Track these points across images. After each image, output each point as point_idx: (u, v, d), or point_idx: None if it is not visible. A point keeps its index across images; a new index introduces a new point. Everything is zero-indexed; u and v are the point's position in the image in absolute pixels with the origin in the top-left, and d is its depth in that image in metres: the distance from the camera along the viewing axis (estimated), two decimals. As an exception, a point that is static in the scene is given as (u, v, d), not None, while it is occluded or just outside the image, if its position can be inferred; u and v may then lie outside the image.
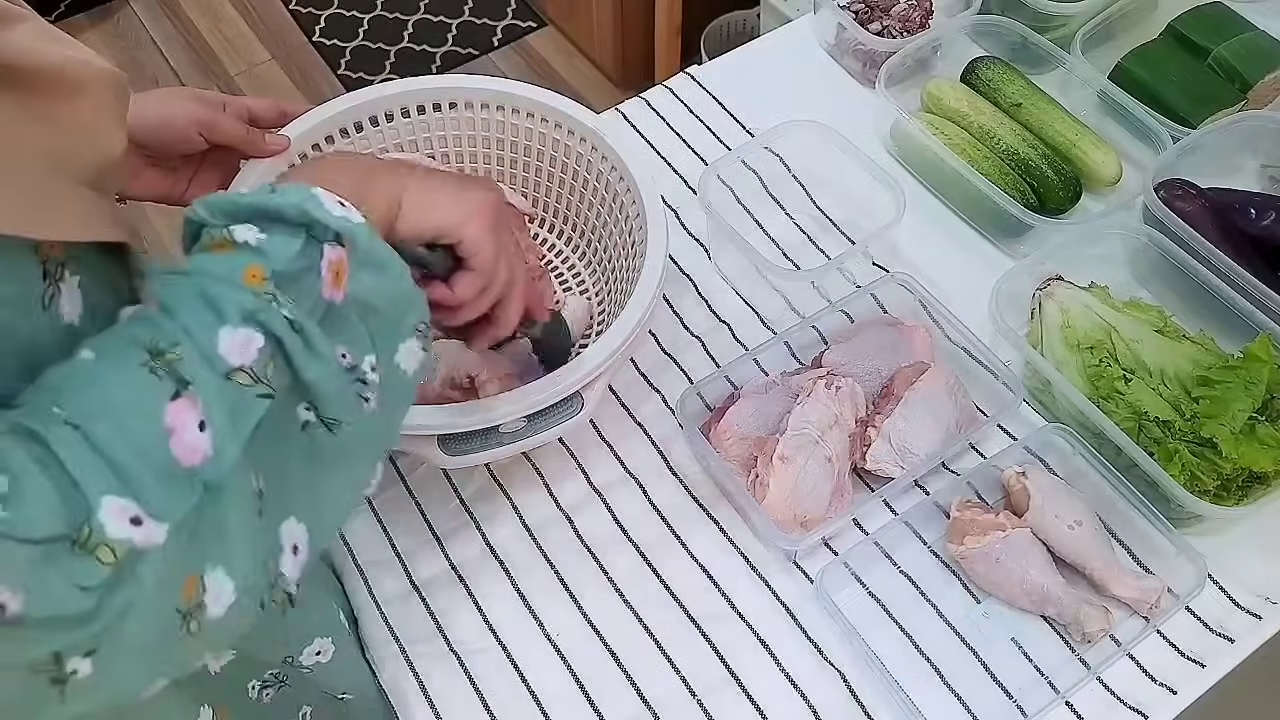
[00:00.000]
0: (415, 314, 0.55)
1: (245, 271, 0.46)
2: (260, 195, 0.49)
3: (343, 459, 0.51)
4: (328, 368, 0.48)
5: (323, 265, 0.49)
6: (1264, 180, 1.02)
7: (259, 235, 0.48)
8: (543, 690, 0.76)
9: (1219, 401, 0.79)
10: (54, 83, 0.47)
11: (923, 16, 1.11)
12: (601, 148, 0.86)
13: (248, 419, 0.45)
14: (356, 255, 0.50)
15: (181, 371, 0.43)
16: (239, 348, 0.45)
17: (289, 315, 0.46)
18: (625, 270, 0.86)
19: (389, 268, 0.52)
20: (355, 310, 0.51)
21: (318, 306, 0.49)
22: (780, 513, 0.78)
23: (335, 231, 0.50)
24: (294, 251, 0.48)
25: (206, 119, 0.75)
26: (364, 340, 0.51)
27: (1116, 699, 0.75)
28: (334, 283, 0.49)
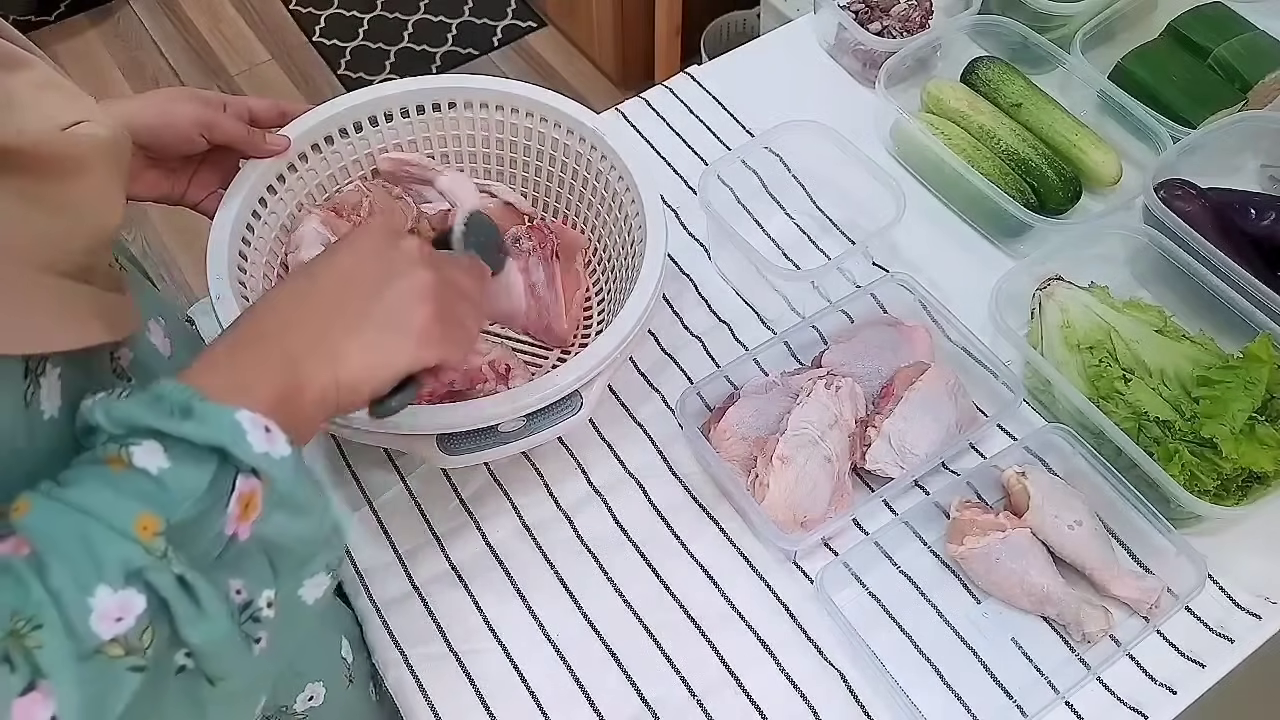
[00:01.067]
0: (331, 553, 0.49)
1: (137, 520, 0.40)
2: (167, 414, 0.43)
3: (222, 703, 0.45)
4: (215, 627, 0.42)
5: (231, 499, 0.43)
6: (1264, 180, 1.02)
7: (162, 463, 0.42)
8: (543, 690, 0.76)
9: (1219, 401, 0.79)
10: (53, 164, 0.45)
11: (923, 16, 1.11)
12: (601, 147, 0.86)
13: (112, 704, 0.39)
14: (274, 495, 0.45)
15: (38, 661, 0.37)
16: (115, 612, 0.39)
17: (179, 572, 0.40)
18: (625, 270, 0.86)
19: (308, 510, 0.47)
20: (261, 546, 0.45)
21: (216, 542, 0.43)
22: (780, 513, 0.78)
23: (255, 467, 0.44)
24: (199, 491, 0.42)
25: (208, 120, 0.75)
26: (265, 576, 0.46)
27: (1116, 699, 0.75)
28: (241, 516, 0.44)
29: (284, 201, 0.85)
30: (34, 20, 2.46)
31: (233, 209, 0.78)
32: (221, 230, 0.77)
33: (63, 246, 0.45)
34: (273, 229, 0.84)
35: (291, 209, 0.86)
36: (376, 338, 0.53)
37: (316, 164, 0.87)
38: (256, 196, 0.82)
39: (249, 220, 0.81)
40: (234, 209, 0.78)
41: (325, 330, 0.52)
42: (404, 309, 0.55)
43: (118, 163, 0.50)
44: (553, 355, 0.90)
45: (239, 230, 0.79)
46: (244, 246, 0.79)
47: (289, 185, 0.85)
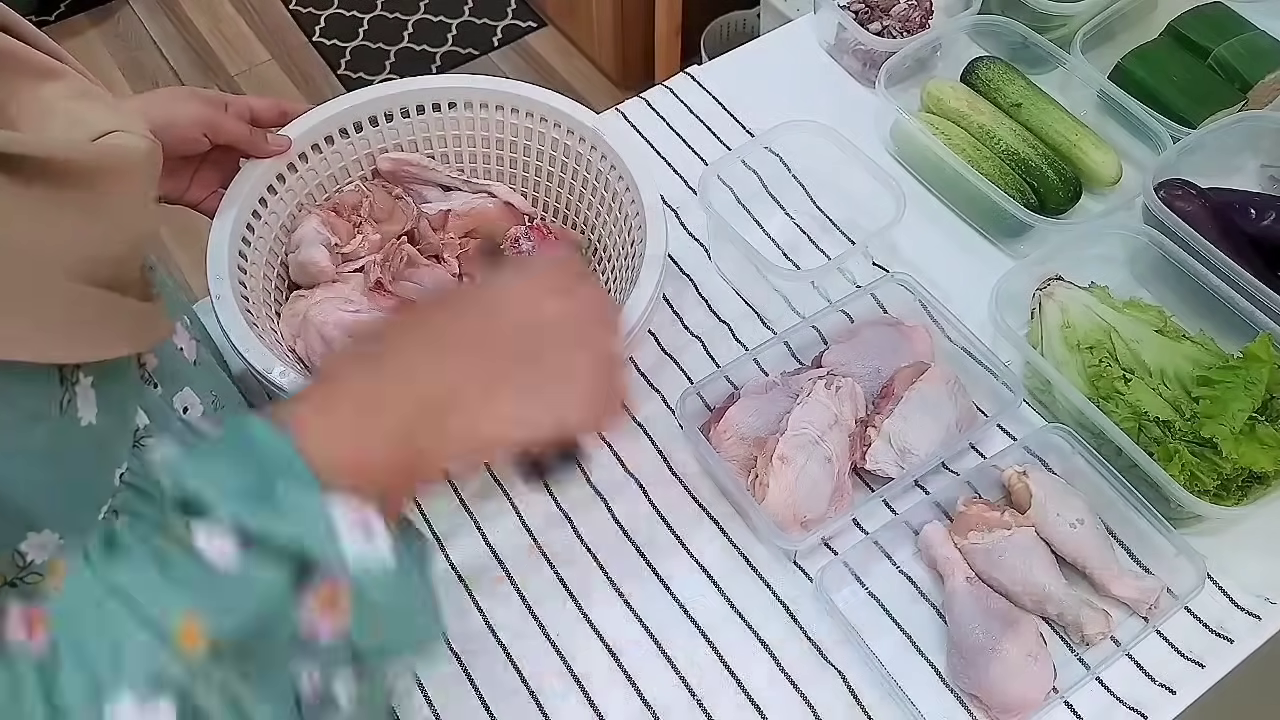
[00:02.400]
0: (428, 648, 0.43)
1: (182, 622, 0.34)
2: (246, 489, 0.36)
3: None
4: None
5: (307, 605, 0.37)
6: (1264, 180, 1.02)
7: (229, 558, 0.35)
8: (543, 690, 0.76)
9: (1219, 401, 0.79)
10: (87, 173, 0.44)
11: (923, 16, 1.11)
12: (601, 147, 0.86)
13: None
14: (364, 602, 0.38)
15: None
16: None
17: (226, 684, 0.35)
18: (626, 270, 0.86)
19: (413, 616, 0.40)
20: (346, 647, 0.39)
21: (287, 648, 0.37)
22: (780, 513, 0.78)
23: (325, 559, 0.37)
24: (267, 599, 0.36)
25: (210, 121, 0.75)
26: (345, 670, 0.39)
27: (1116, 699, 0.75)
28: (321, 615, 0.37)
29: (284, 201, 0.85)
30: (34, 20, 2.45)
31: (233, 209, 0.78)
32: (221, 230, 0.77)
33: (96, 255, 0.45)
34: (272, 229, 0.84)
35: (291, 209, 0.86)
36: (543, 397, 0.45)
37: (316, 164, 0.87)
38: (256, 197, 0.81)
39: (249, 220, 0.81)
40: (234, 209, 0.78)
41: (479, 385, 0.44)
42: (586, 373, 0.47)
43: (149, 172, 0.49)
44: None
45: (239, 230, 0.79)
46: (244, 246, 0.79)
47: (289, 185, 0.85)
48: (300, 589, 0.37)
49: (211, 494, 0.36)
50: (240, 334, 0.71)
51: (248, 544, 0.36)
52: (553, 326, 0.47)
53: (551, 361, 0.46)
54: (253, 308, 0.77)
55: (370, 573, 0.38)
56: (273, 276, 0.83)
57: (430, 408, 0.42)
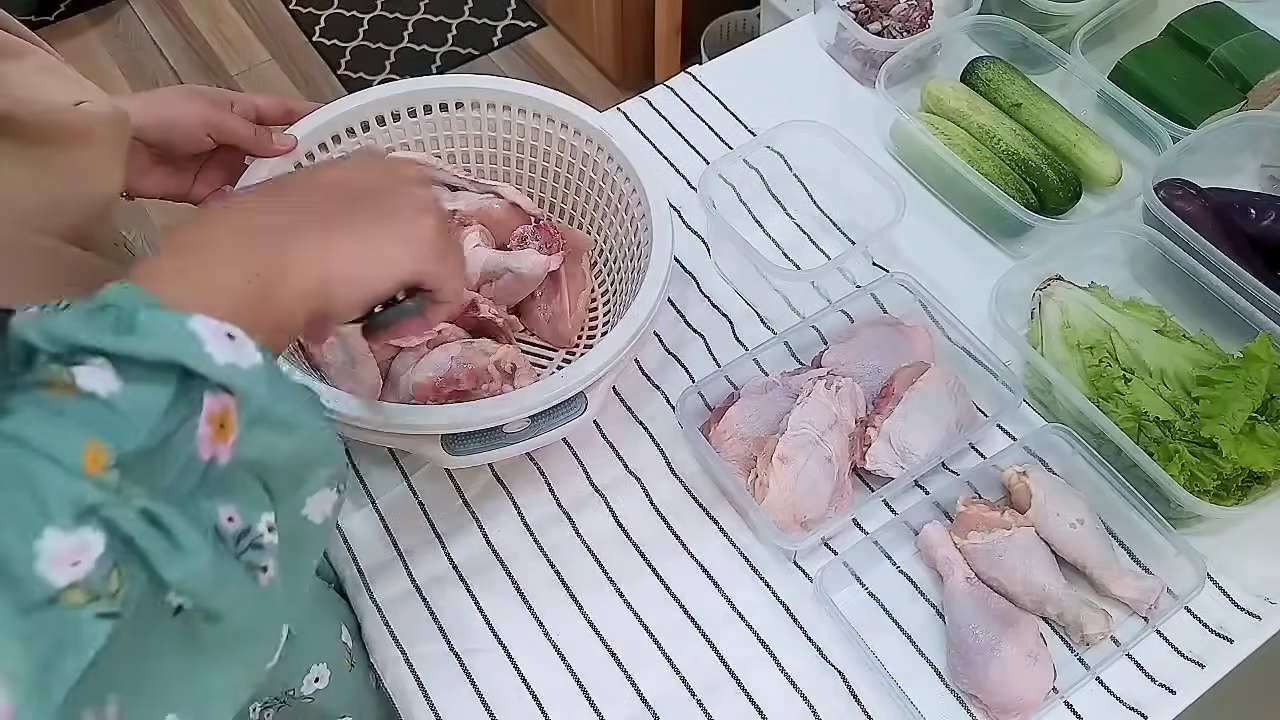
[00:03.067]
0: (328, 467, 0.45)
1: (85, 451, 0.35)
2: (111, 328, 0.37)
3: (232, 643, 0.41)
4: (194, 561, 0.37)
5: (200, 419, 0.38)
6: (1264, 180, 1.02)
7: (111, 385, 0.37)
8: (543, 690, 0.76)
9: (1219, 401, 0.79)
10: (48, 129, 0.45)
11: (923, 16, 1.11)
12: (608, 148, 0.86)
13: (75, 656, 0.34)
14: (249, 411, 0.40)
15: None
16: (69, 558, 0.34)
17: (143, 506, 0.36)
18: (631, 271, 0.86)
19: (294, 424, 0.42)
20: (247, 468, 0.41)
21: (190, 470, 0.38)
22: (780, 513, 0.78)
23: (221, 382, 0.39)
24: (157, 414, 0.37)
25: (215, 120, 0.75)
26: (259, 499, 0.41)
27: (1116, 699, 0.75)
28: (217, 437, 0.39)
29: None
30: (34, 20, 2.46)
31: None
32: None
33: (67, 213, 0.45)
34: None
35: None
36: (374, 234, 0.49)
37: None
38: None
39: None
40: None
41: (314, 221, 0.47)
42: (407, 214, 0.51)
43: (117, 137, 0.50)
44: (558, 356, 0.90)
45: None
46: None
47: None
48: (187, 406, 0.38)
49: (83, 336, 0.37)
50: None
51: (125, 369, 0.37)
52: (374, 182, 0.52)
53: (377, 207, 0.50)
54: None
55: (242, 374, 0.39)
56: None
57: (270, 240, 0.45)
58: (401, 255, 0.50)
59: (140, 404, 0.37)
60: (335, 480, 0.46)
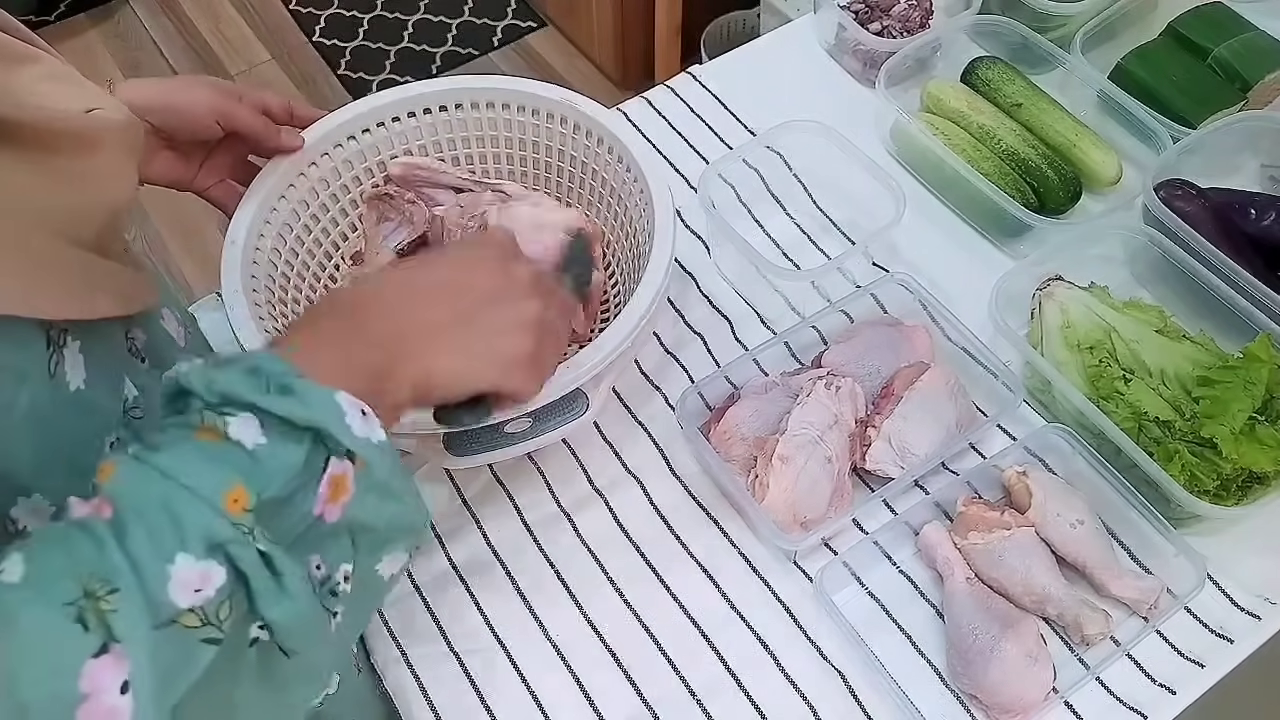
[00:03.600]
0: (415, 538, 0.50)
1: (228, 493, 0.40)
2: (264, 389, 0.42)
3: (298, 678, 0.45)
4: (296, 605, 0.42)
5: (323, 480, 0.43)
6: (1264, 180, 1.02)
7: (258, 438, 0.41)
8: (542, 690, 0.76)
9: (1219, 401, 0.79)
10: (64, 138, 0.46)
11: (923, 16, 1.11)
12: (615, 146, 0.86)
13: (186, 674, 0.38)
14: (368, 479, 0.45)
15: (113, 625, 0.36)
16: (194, 583, 0.38)
17: (264, 549, 0.40)
18: (631, 270, 0.86)
19: (399, 496, 0.47)
20: (347, 527, 0.45)
21: (302, 521, 0.43)
22: (780, 513, 0.78)
23: (351, 449, 0.44)
24: (293, 470, 0.42)
25: (224, 107, 0.75)
26: (345, 553, 0.46)
27: (1116, 699, 0.75)
28: (330, 498, 0.43)
29: (293, 204, 0.85)
30: (34, 20, 2.46)
31: (249, 212, 0.79)
32: (238, 230, 0.78)
33: (76, 218, 0.46)
34: (282, 235, 0.84)
35: (307, 215, 0.87)
36: (472, 347, 0.54)
37: (326, 171, 0.87)
38: (277, 195, 0.82)
39: (266, 217, 0.81)
40: (250, 212, 0.79)
41: (428, 325, 0.53)
42: (506, 333, 0.56)
43: (130, 144, 0.51)
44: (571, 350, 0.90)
45: (256, 230, 0.80)
46: (254, 253, 0.80)
47: (298, 189, 0.85)
48: (314, 467, 0.43)
49: (240, 391, 0.42)
50: (249, 335, 0.72)
51: (272, 428, 0.42)
52: (490, 288, 0.57)
53: (486, 322, 0.55)
54: (263, 310, 0.77)
55: (370, 448, 0.44)
56: (276, 277, 0.83)
57: (406, 335, 0.51)
58: (489, 371, 0.56)
59: (280, 459, 0.42)
60: (412, 545, 0.50)
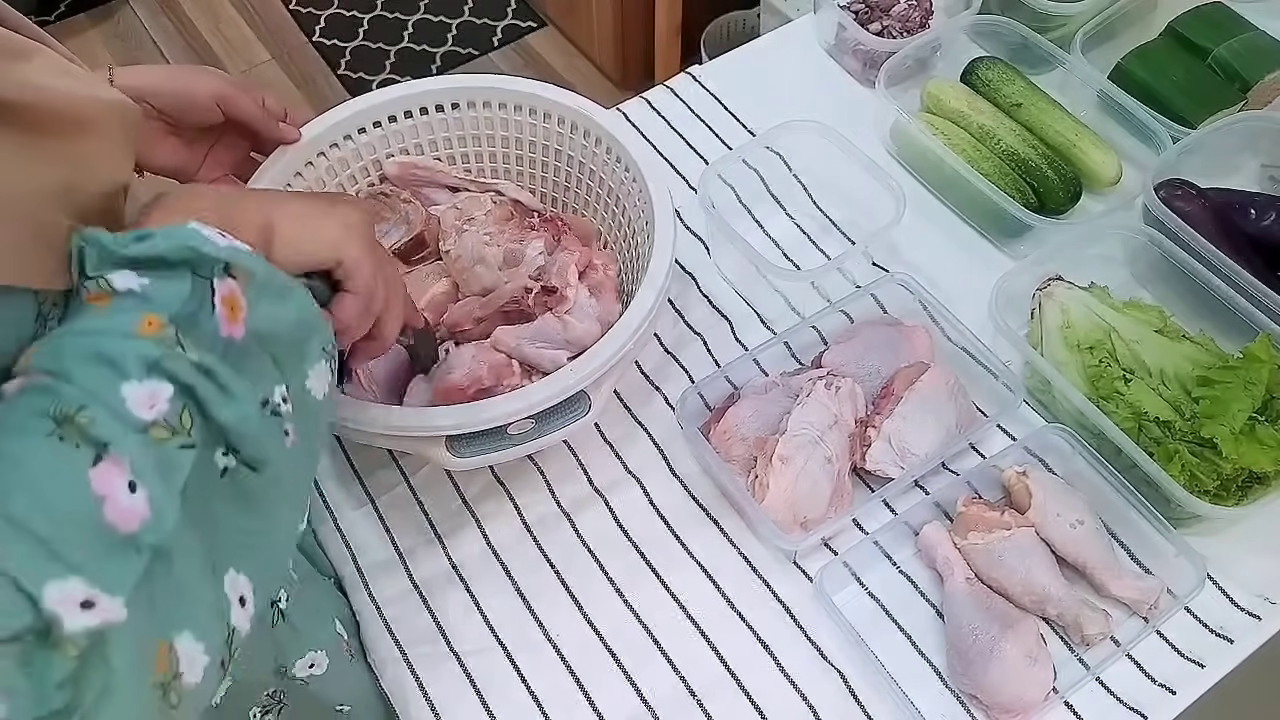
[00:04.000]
0: (319, 336, 0.52)
1: (139, 321, 0.43)
2: (133, 240, 0.45)
3: (271, 500, 0.49)
4: (243, 407, 0.45)
5: (215, 301, 0.46)
6: (1264, 180, 1.02)
7: (141, 280, 0.44)
8: (542, 690, 0.76)
9: (1219, 401, 0.79)
10: (61, 120, 0.47)
11: (923, 16, 1.11)
12: (614, 147, 0.86)
13: (176, 474, 0.42)
14: (254, 285, 0.48)
15: (96, 434, 0.39)
16: (146, 401, 0.41)
17: (195, 359, 0.43)
18: (633, 271, 0.86)
19: (289, 294, 0.50)
20: (257, 342, 0.48)
21: (217, 345, 0.46)
22: (780, 513, 0.78)
23: (224, 264, 0.46)
24: (184, 292, 0.45)
25: (226, 93, 0.77)
26: (271, 371, 0.49)
27: (1116, 699, 0.75)
28: (230, 317, 0.46)
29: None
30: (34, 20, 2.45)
31: None
32: None
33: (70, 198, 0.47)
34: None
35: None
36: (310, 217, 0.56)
37: (322, 170, 0.87)
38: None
39: None
40: None
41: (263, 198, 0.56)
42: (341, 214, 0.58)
43: (126, 128, 0.53)
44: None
45: None
46: None
47: (295, 188, 0.85)
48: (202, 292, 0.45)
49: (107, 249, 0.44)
50: None
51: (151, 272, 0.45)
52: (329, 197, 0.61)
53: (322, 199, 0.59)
54: None
55: (242, 254, 0.47)
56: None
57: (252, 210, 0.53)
58: (329, 232, 0.57)
59: (167, 290, 0.44)
60: (328, 354, 0.53)
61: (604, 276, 0.85)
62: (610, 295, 0.85)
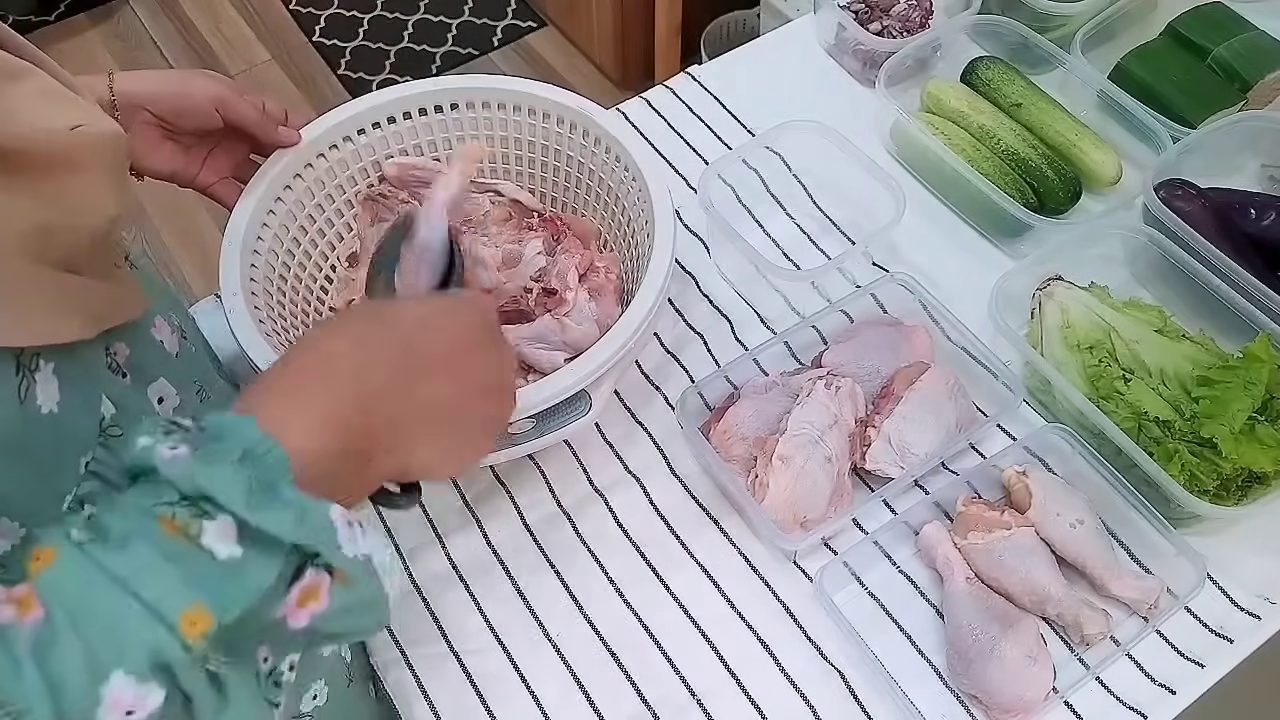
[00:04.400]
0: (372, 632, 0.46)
1: (186, 612, 0.35)
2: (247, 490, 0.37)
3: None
4: (238, 713, 0.38)
5: (293, 589, 0.39)
6: (1264, 180, 1.02)
7: (234, 550, 0.37)
8: (543, 690, 0.76)
9: (1219, 401, 0.79)
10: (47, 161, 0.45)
11: (923, 16, 1.11)
12: (614, 146, 0.86)
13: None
14: (346, 595, 0.40)
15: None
16: (126, 705, 0.34)
17: (215, 670, 0.36)
18: (633, 271, 0.86)
19: (374, 608, 0.42)
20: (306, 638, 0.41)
21: (262, 629, 0.39)
22: (780, 513, 0.78)
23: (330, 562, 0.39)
24: (266, 587, 0.37)
25: (224, 97, 0.76)
26: (297, 645, 0.42)
27: (1116, 699, 0.75)
28: (299, 604, 0.39)
29: (291, 206, 0.85)
30: (34, 20, 2.46)
31: (247, 210, 0.79)
32: (236, 229, 0.78)
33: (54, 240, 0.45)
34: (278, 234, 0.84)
35: (303, 214, 0.86)
36: (456, 445, 0.52)
37: (322, 171, 0.87)
38: (273, 196, 0.82)
39: (263, 219, 0.81)
40: (248, 210, 0.79)
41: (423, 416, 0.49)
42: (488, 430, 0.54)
43: (114, 160, 0.51)
44: None
45: (254, 230, 0.80)
46: (253, 256, 0.80)
47: (301, 188, 0.85)
48: (287, 578, 0.39)
49: (223, 491, 0.37)
50: (249, 338, 0.72)
51: (253, 537, 0.37)
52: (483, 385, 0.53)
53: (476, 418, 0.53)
54: (262, 313, 0.77)
55: (354, 563, 0.40)
56: (274, 279, 0.83)
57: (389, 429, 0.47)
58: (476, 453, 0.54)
59: (252, 578, 0.37)
60: None
61: (605, 280, 0.85)
62: (610, 299, 0.85)
